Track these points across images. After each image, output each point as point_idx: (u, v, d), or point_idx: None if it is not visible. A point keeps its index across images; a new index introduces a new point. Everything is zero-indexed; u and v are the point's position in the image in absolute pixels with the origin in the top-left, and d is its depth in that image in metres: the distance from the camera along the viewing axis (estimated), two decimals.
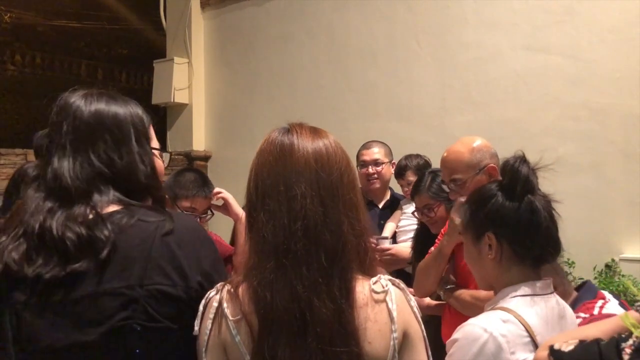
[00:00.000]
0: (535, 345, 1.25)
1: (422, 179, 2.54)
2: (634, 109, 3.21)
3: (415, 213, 2.58)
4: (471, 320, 1.30)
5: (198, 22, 5.38)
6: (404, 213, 3.01)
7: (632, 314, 1.14)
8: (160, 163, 1.29)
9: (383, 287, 1.11)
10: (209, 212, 2.38)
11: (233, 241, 2.49)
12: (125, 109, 1.21)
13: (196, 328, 1.10)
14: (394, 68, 4.18)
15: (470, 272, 1.56)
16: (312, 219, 1.07)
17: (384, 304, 1.10)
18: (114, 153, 1.15)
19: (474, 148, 2.09)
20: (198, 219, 2.30)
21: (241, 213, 2.32)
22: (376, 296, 1.10)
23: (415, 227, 2.80)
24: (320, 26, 4.59)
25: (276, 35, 4.86)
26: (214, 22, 5.35)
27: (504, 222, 1.36)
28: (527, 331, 1.26)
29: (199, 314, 1.11)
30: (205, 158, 5.28)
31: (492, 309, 1.34)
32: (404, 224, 2.97)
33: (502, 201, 1.37)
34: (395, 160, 3.18)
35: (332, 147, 1.15)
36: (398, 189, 3.20)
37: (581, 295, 1.74)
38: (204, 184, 2.36)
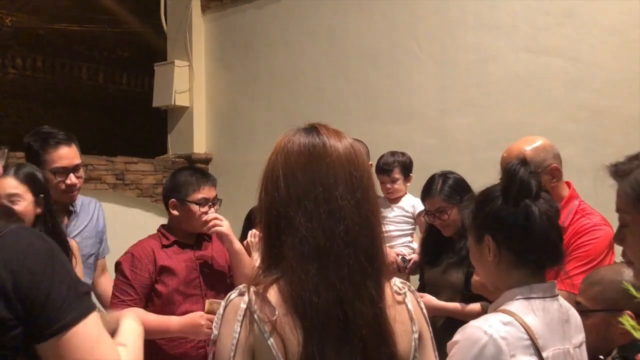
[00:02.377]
0: (536, 348, 1.24)
1: (433, 181, 2.47)
2: (634, 110, 3.20)
3: (426, 217, 2.52)
4: (472, 322, 1.30)
5: (198, 25, 5.38)
6: (385, 217, 2.96)
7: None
8: None
9: (400, 289, 1.15)
10: (218, 200, 2.33)
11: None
12: None
13: (215, 332, 1.08)
14: (395, 70, 4.19)
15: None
16: (351, 220, 1.07)
17: (404, 305, 1.14)
18: None
19: (537, 147, 2.04)
20: (211, 207, 2.25)
21: (238, 246, 2.24)
22: (398, 297, 1.13)
23: (401, 232, 2.78)
24: (321, 29, 4.60)
25: (277, 38, 4.87)
26: (215, 25, 5.35)
27: (500, 226, 1.35)
28: (528, 334, 1.25)
29: (218, 316, 1.08)
30: (206, 161, 5.29)
31: (494, 311, 1.34)
32: (389, 230, 2.90)
33: (499, 204, 1.36)
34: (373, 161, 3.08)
35: (355, 147, 1.15)
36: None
37: None
38: (206, 174, 2.36)
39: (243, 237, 2.51)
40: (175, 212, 2.25)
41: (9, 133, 5.23)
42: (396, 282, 1.16)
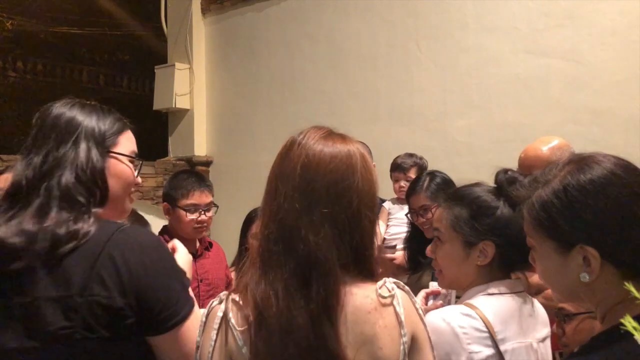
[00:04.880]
0: (493, 340, 1.28)
1: (419, 179, 2.45)
2: (635, 111, 3.21)
3: (409, 215, 2.45)
4: (432, 312, 1.33)
5: (199, 27, 5.40)
6: (395, 219, 2.95)
7: None
8: (123, 169, 1.27)
9: (389, 291, 1.10)
10: (213, 206, 2.31)
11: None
12: (85, 116, 1.23)
13: (197, 339, 1.08)
14: (395, 72, 4.19)
15: None
16: (288, 219, 1.06)
17: (392, 308, 1.09)
18: (54, 151, 1.18)
19: (553, 146, 2.10)
20: (203, 214, 2.26)
21: None
22: (383, 300, 1.09)
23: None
24: (321, 31, 4.60)
25: (277, 40, 4.88)
26: (215, 28, 5.36)
27: (508, 232, 1.35)
28: (486, 326, 1.28)
29: (201, 324, 1.09)
30: (207, 163, 5.29)
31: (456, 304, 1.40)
32: (396, 232, 2.88)
33: (506, 212, 1.37)
34: (379, 162, 3.07)
35: (339, 153, 1.10)
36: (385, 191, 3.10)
37: None
38: (200, 179, 2.32)
39: (242, 240, 2.50)
40: (168, 216, 2.26)
41: (9, 137, 5.22)
42: (387, 283, 1.11)
